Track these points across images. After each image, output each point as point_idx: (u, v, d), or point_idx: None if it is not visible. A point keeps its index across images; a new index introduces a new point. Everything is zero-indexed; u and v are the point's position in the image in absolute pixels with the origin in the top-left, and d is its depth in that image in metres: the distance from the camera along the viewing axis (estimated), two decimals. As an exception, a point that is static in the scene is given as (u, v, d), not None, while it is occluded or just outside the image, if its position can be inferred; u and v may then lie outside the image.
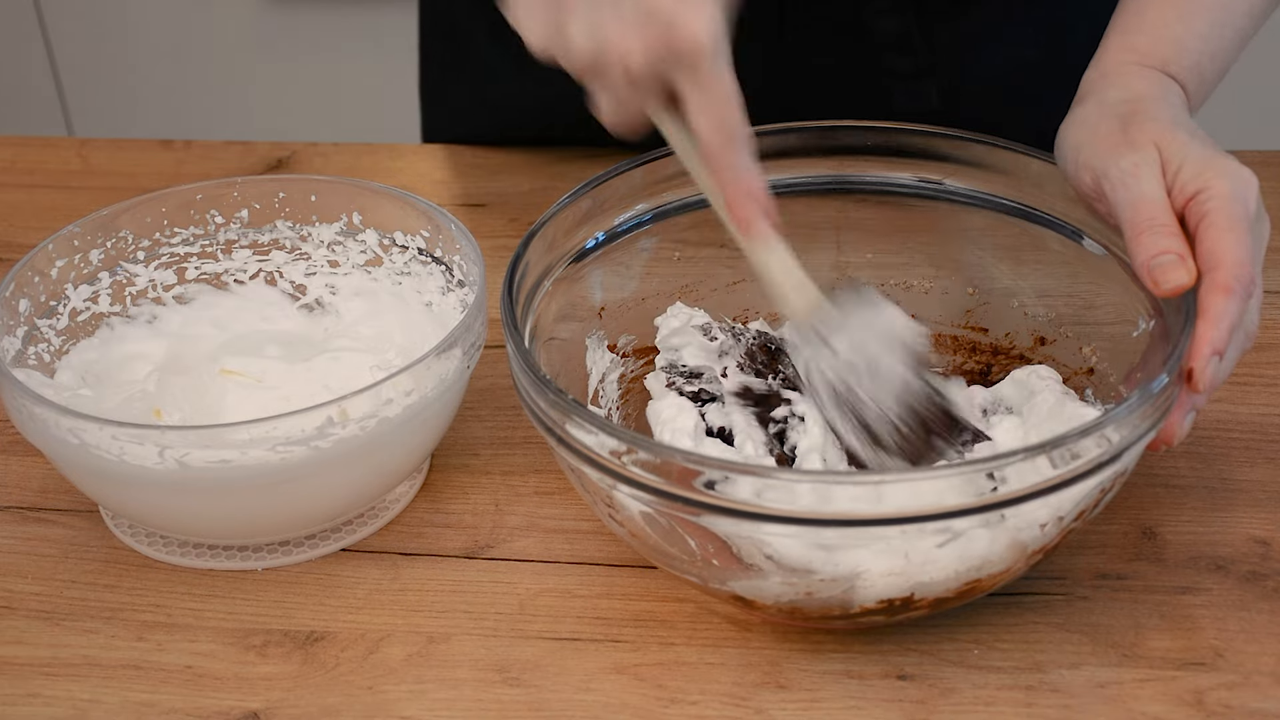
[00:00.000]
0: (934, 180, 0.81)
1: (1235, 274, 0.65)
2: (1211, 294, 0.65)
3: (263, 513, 0.74)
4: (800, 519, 0.61)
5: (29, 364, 0.80)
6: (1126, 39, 0.78)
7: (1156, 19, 0.78)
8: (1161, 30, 0.77)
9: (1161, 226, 0.67)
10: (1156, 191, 0.68)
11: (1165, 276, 0.66)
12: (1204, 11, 0.78)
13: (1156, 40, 0.77)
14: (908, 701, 0.67)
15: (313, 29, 2.20)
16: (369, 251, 0.87)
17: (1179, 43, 0.77)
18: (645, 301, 0.83)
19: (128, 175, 1.12)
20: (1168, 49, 0.77)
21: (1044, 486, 0.61)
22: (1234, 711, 0.66)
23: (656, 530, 0.67)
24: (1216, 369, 0.66)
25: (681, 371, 0.75)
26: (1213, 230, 0.66)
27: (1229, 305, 0.65)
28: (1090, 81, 0.78)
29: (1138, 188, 0.68)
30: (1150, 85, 0.75)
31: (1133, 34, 0.78)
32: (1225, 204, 0.67)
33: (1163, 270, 0.66)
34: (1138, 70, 0.76)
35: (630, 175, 0.80)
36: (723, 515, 0.62)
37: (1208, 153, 0.69)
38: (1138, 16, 0.79)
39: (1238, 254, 0.66)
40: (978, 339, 0.83)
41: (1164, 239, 0.67)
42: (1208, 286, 0.66)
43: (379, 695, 0.69)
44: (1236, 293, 0.65)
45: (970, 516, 0.61)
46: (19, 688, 0.70)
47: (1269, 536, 0.75)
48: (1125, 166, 0.69)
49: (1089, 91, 0.77)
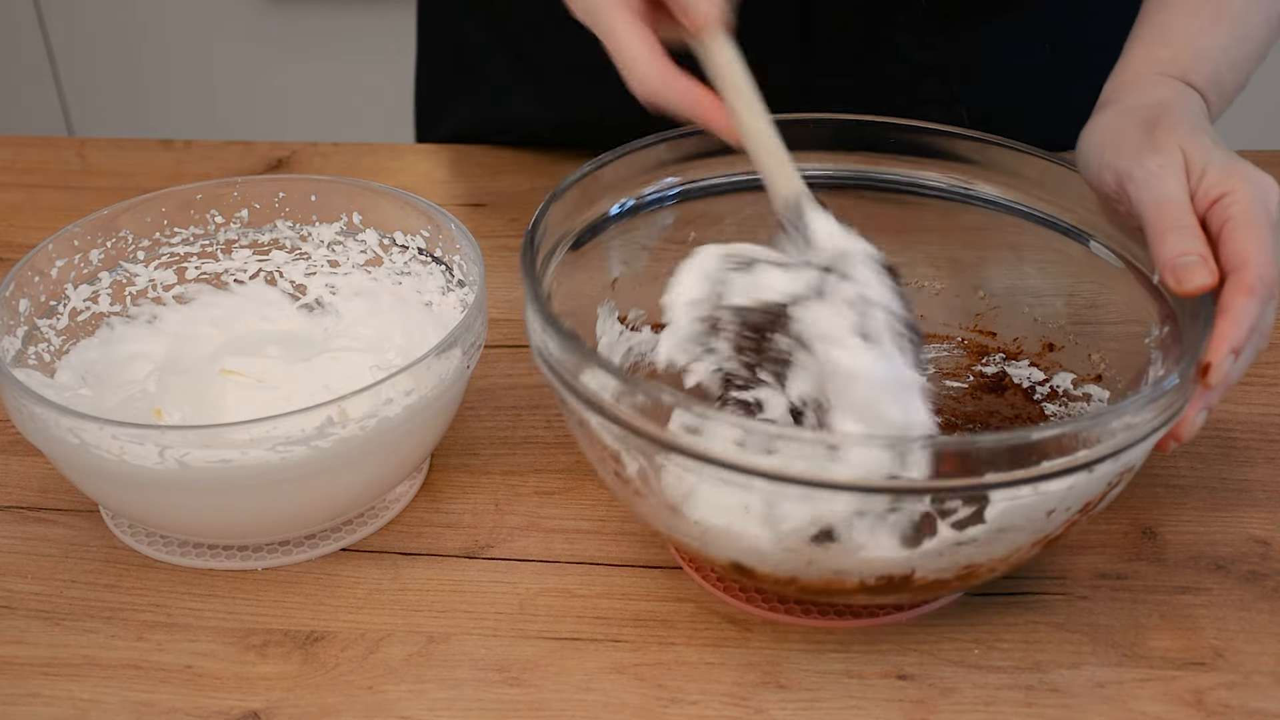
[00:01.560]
0: (961, 183, 0.81)
1: (1259, 274, 0.66)
2: (1235, 294, 0.66)
3: (263, 513, 0.74)
4: (820, 482, 0.61)
5: (29, 364, 0.80)
6: (1150, 49, 0.79)
7: (1179, 30, 0.79)
8: (1184, 41, 0.78)
9: (1185, 228, 0.68)
10: (1180, 193, 0.69)
11: (1189, 276, 0.67)
12: (1226, 23, 0.79)
13: (1179, 51, 0.78)
14: (908, 701, 0.67)
15: (313, 29, 2.20)
16: (369, 251, 0.88)
17: (1201, 53, 0.78)
18: (658, 279, 0.82)
19: (128, 175, 1.12)
20: (1189, 59, 0.78)
21: (1061, 469, 0.62)
22: (1234, 711, 0.66)
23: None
24: (1231, 366, 0.66)
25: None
26: (1239, 233, 0.67)
27: (1251, 305, 0.66)
28: (1113, 89, 0.78)
29: (1162, 189, 0.69)
30: (1172, 93, 0.76)
31: (1156, 44, 0.79)
32: (1249, 208, 0.67)
33: (1186, 270, 0.67)
34: (1160, 79, 0.77)
35: (655, 150, 0.79)
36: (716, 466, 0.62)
37: (1230, 159, 0.70)
38: (1161, 28, 0.79)
39: (1263, 256, 0.66)
40: (986, 342, 0.83)
41: (1188, 240, 0.67)
42: (1231, 286, 0.66)
43: (379, 695, 0.69)
44: (1259, 294, 0.66)
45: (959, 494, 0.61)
46: (19, 688, 0.70)
47: (1269, 536, 0.75)
48: (1150, 168, 0.70)
49: (1111, 98, 0.77)
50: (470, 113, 1.14)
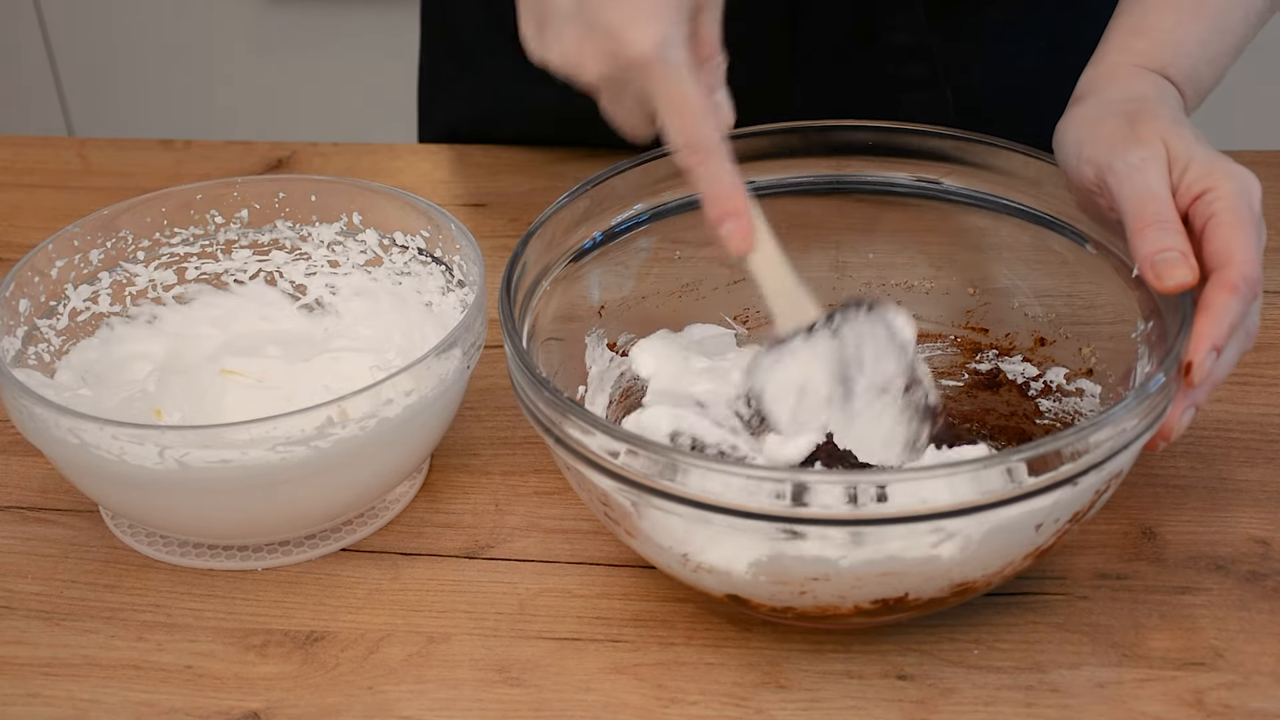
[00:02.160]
0: (933, 180, 0.81)
1: (1243, 273, 0.66)
2: (1217, 291, 0.66)
3: (263, 513, 0.74)
4: (793, 519, 0.61)
5: (29, 364, 0.80)
6: (1127, 40, 0.78)
7: (1158, 22, 0.78)
8: (1163, 34, 0.78)
9: (1166, 223, 0.67)
10: (1162, 187, 0.68)
11: (1169, 273, 0.66)
12: (1205, 17, 0.78)
13: (1157, 43, 0.77)
14: (908, 701, 0.67)
15: (313, 29, 2.20)
16: (369, 251, 0.87)
17: (1179, 47, 0.77)
18: (645, 300, 0.83)
19: (128, 175, 1.12)
20: (1167, 53, 0.77)
21: (1033, 490, 0.62)
22: (1234, 711, 0.66)
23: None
24: (1213, 364, 0.66)
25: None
26: (1222, 229, 0.66)
27: (1232, 303, 0.65)
28: (1090, 80, 0.78)
29: (1143, 182, 0.68)
30: (1150, 87, 0.75)
31: (1134, 36, 0.78)
32: (1233, 204, 0.67)
33: (1166, 266, 0.66)
34: (1137, 71, 0.77)
35: (629, 175, 0.80)
36: (715, 514, 0.62)
37: (1212, 154, 0.69)
38: (1140, 19, 0.79)
39: (1246, 254, 0.66)
40: (978, 339, 0.83)
41: (1168, 235, 0.67)
42: (1214, 283, 0.66)
43: (379, 695, 0.69)
44: (1241, 292, 0.66)
45: (960, 518, 0.61)
46: (19, 688, 0.70)
47: (1269, 536, 0.75)
48: (1132, 161, 0.69)
49: (1088, 90, 0.77)
50: (470, 97, 1.14)
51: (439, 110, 1.18)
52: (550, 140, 1.10)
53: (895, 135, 0.81)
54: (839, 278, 0.85)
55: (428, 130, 1.20)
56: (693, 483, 0.62)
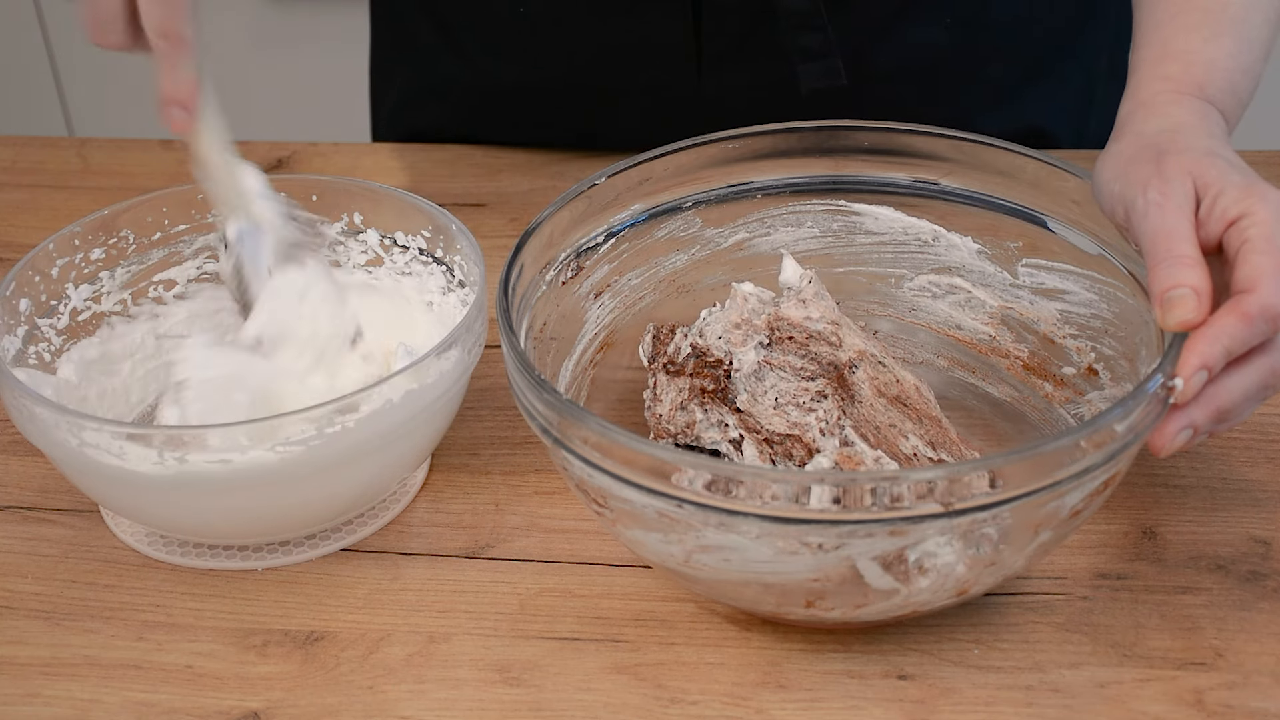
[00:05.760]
0: (931, 180, 0.81)
1: (1263, 303, 0.64)
2: (1225, 313, 0.64)
3: (263, 513, 0.74)
4: (797, 520, 0.61)
5: (29, 363, 0.80)
6: (1158, 68, 0.76)
7: (1184, 44, 0.76)
8: (1191, 55, 0.76)
9: (1179, 259, 0.65)
10: (1179, 224, 0.66)
11: (1172, 310, 0.64)
12: (1229, 31, 0.77)
13: (1188, 65, 0.76)
14: (908, 701, 0.67)
15: (313, 29, 2.20)
16: (370, 251, 0.88)
17: (1212, 64, 0.75)
18: (642, 299, 0.83)
19: (128, 175, 1.12)
20: (1201, 73, 0.75)
21: (1015, 495, 0.61)
22: (1234, 711, 0.66)
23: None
24: (1200, 384, 0.64)
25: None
26: (1253, 255, 0.65)
27: (1237, 328, 0.64)
28: (1127, 113, 0.76)
29: (1159, 219, 0.67)
30: (1189, 113, 0.73)
31: (1163, 62, 0.76)
32: (1267, 230, 0.65)
33: (1171, 304, 0.65)
34: (1175, 98, 0.75)
35: (628, 175, 0.80)
36: (715, 513, 0.62)
37: (1250, 179, 0.67)
38: (1166, 45, 0.77)
39: (1273, 283, 0.64)
40: (977, 340, 0.83)
41: (1180, 271, 0.65)
42: (1227, 306, 0.64)
43: (379, 695, 0.69)
44: (1255, 320, 0.64)
45: (928, 523, 0.61)
46: (19, 688, 0.70)
47: (1269, 536, 0.75)
48: (1152, 198, 0.68)
49: (1126, 124, 0.75)
50: (412, 75, 1.15)
51: (388, 88, 1.19)
52: (483, 120, 1.11)
53: (894, 136, 0.81)
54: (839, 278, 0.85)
55: (378, 125, 1.21)
56: (690, 484, 0.62)
